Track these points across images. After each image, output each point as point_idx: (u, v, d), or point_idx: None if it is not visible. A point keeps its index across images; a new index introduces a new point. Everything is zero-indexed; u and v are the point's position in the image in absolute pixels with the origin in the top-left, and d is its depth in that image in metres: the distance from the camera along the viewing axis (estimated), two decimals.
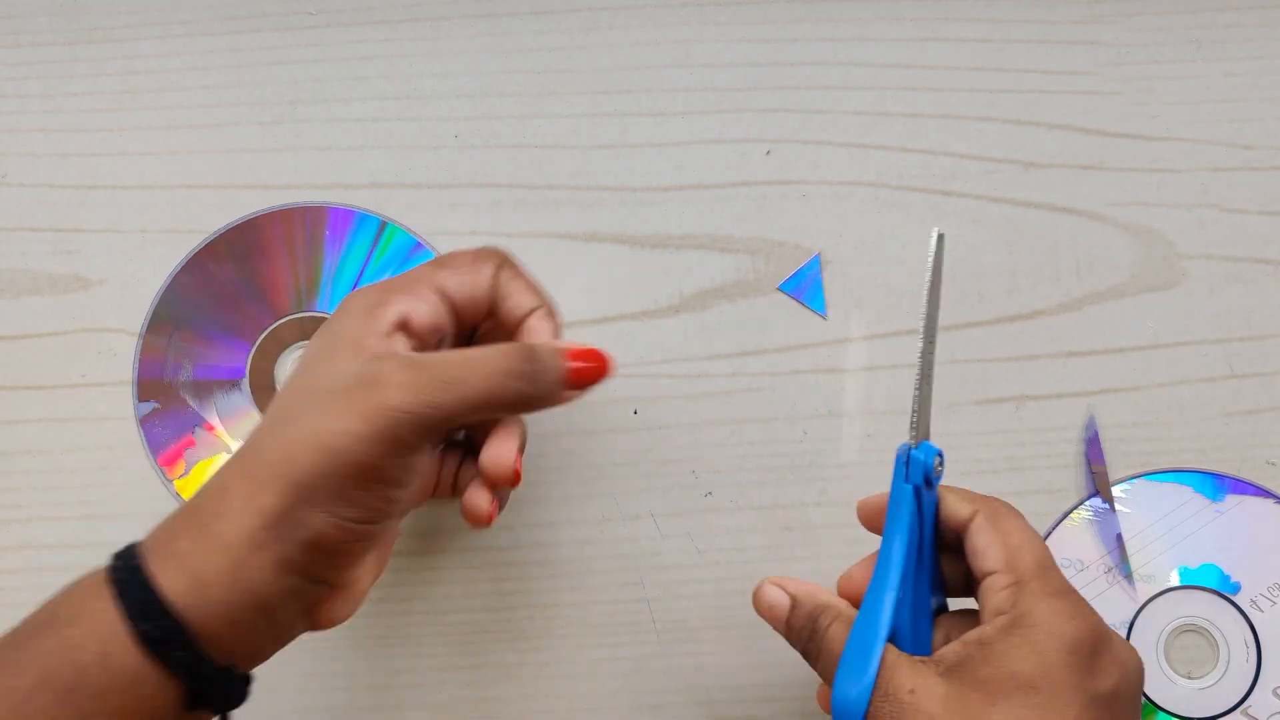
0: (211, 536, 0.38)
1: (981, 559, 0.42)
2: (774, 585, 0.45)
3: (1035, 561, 0.41)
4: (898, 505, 0.43)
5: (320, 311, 0.56)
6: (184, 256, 0.56)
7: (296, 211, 0.56)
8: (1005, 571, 0.41)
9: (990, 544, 0.42)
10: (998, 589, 0.41)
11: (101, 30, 0.58)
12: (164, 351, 0.56)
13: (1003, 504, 0.44)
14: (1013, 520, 0.43)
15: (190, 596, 0.38)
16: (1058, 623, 0.39)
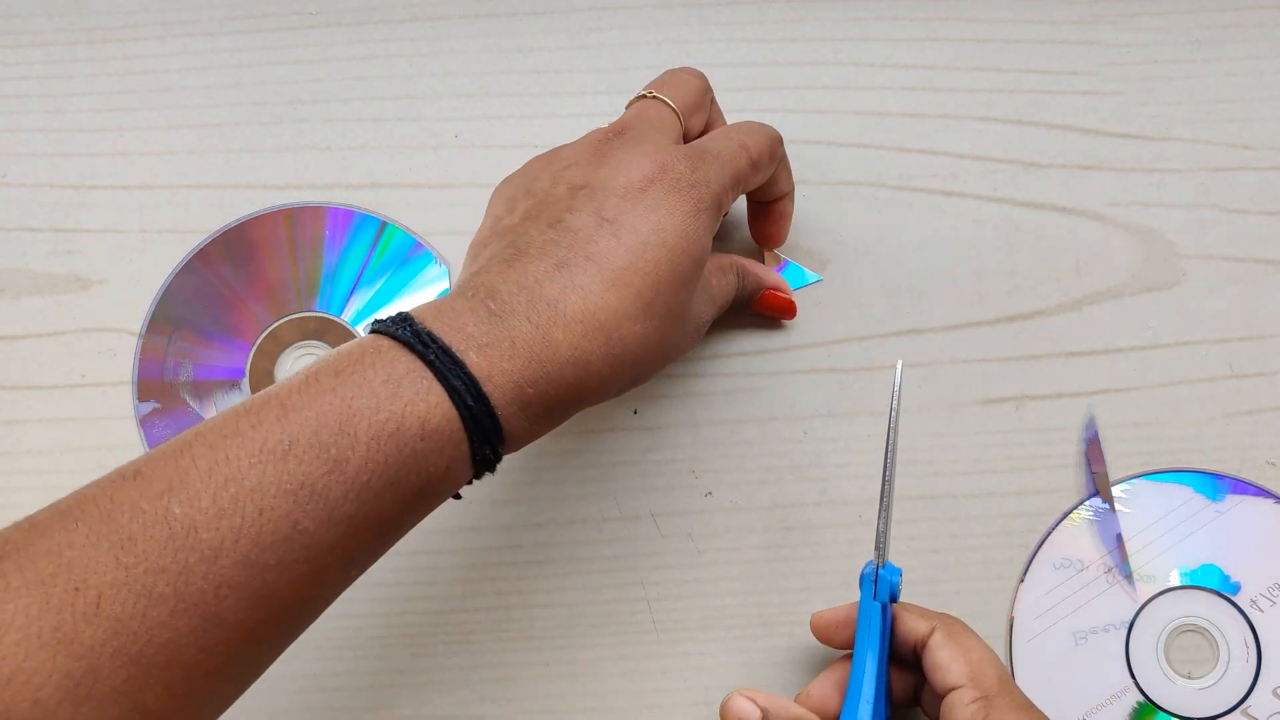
0: (564, 404, 0.41)
1: (944, 674, 0.45)
2: (743, 697, 0.46)
3: (998, 677, 0.45)
4: (869, 622, 0.46)
5: (320, 311, 0.56)
6: (184, 256, 0.56)
7: (296, 211, 0.56)
8: (971, 686, 0.45)
9: (953, 659, 0.45)
10: (965, 703, 0.44)
11: (101, 30, 0.58)
12: (164, 351, 0.56)
13: (956, 620, 0.47)
14: (970, 637, 0.46)
15: (521, 434, 0.41)
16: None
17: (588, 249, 0.42)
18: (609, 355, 0.41)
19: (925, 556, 0.54)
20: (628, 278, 0.42)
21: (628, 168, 0.44)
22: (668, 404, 0.55)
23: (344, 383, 0.38)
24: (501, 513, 0.55)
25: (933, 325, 0.56)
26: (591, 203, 0.43)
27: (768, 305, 0.54)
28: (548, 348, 0.40)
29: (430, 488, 0.39)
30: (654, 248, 0.43)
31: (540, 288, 0.41)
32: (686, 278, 0.44)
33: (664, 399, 0.55)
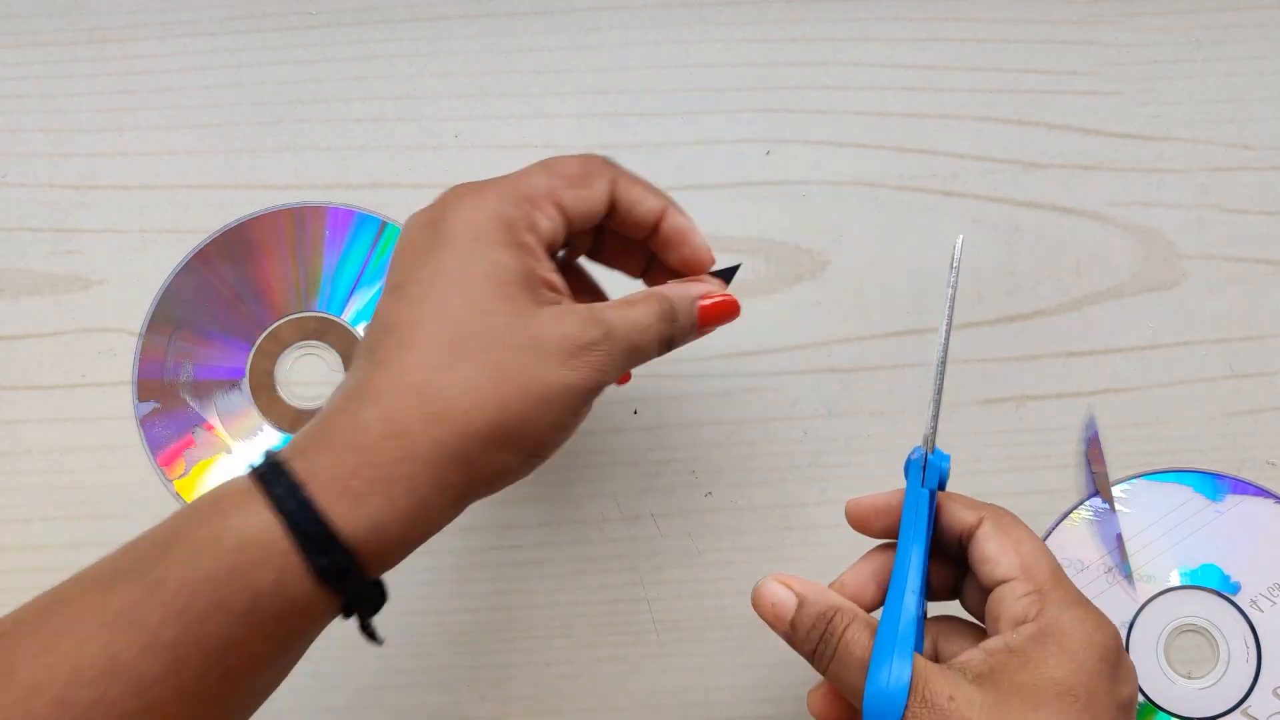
0: (395, 481, 0.38)
1: (994, 566, 0.42)
2: (779, 582, 0.44)
3: (1050, 570, 0.42)
4: (915, 510, 0.43)
5: (320, 311, 0.56)
6: (184, 257, 0.56)
7: (296, 211, 0.56)
8: (1023, 579, 0.41)
9: (1003, 551, 0.42)
10: (1016, 597, 0.41)
11: (101, 30, 0.58)
12: (164, 351, 0.56)
13: (1006, 511, 0.44)
14: (1020, 528, 0.43)
15: (365, 534, 0.38)
16: (1087, 631, 0.40)
17: (383, 322, 0.40)
18: (430, 415, 0.38)
19: None
20: (425, 327, 0.39)
21: (407, 233, 0.42)
22: (668, 404, 0.55)
23: (185, 509, 0.38)
24: (501, 513, 0.55)
25: (933, 325, 0.56)
26: (390, 282, 0.41)
27: (710, 317, 0.45)
28: (359, 430, 0.38)
29: (263, 607, 0.36)
30: (442, 290, 0.39)
31: (351, 377, 0.40)
32: (493, 304, 0.39)
33: (664, 399, 0.55)
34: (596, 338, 0.40)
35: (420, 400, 0.38)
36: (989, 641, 0.40)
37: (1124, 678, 0.41)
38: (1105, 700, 0.39)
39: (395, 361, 0.39)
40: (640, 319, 0.42)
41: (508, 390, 0.39)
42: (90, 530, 0.55)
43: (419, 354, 0.39)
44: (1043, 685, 0.39)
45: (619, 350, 0.41)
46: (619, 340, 0.41)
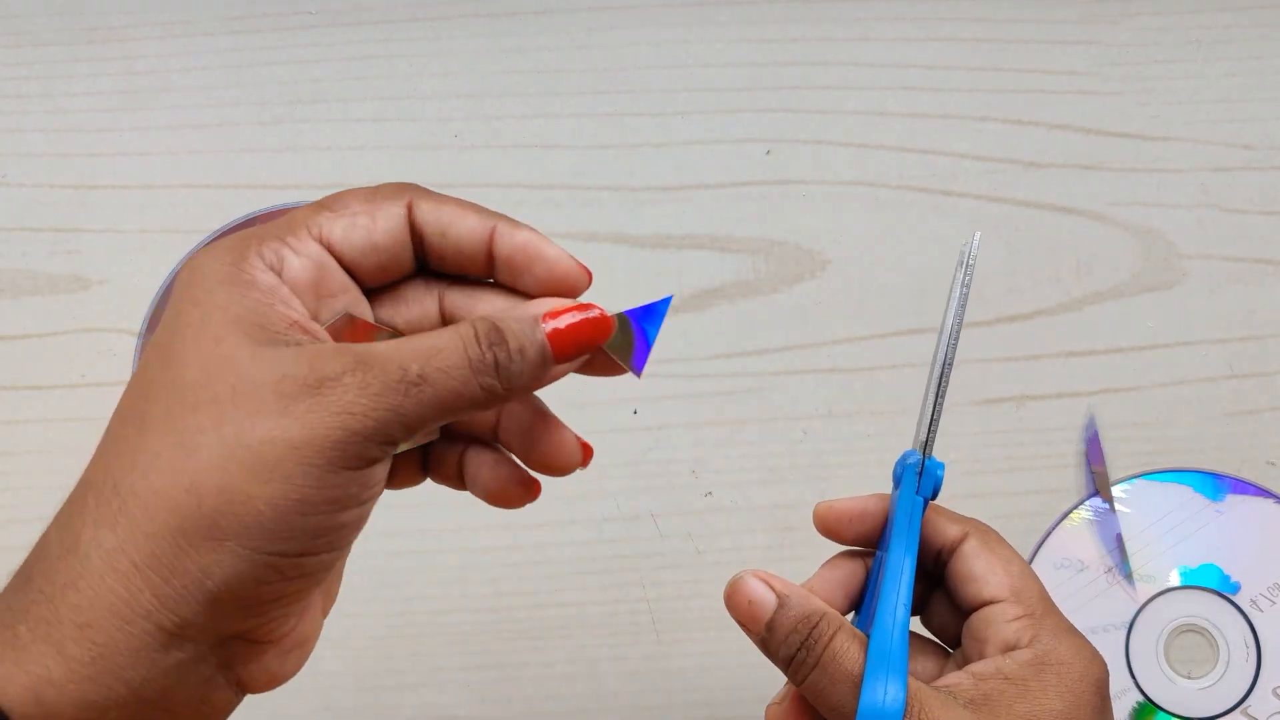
0: (61, 617, 0.28)
1: (980, 585, 0.39)
2: (758, 579, 0.37)
3: (1040, 594, 0.39)
4: (908, 518, 0.40)
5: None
6: (184, 256, 0.56)
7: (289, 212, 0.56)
8: (1013, 602, 0.38)
9: (990, 570, 0.39)
10: (1006, 620, 0.38)
11: (101, 30, 0.58)
12: None
13: (989, 528, 0.41)
14: (1006, 547, 0.40)
15: (32, 704, 0.28)
16: (1084, 663, 0.38)
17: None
18: (101, 516, 0.29)
19: None
20: (122, 402, 0.31)
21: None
22: (668, 404, 0.55)
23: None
24: (501, 513, 0.55)
25: (933, 325, 0.56)
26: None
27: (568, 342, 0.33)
28: (38, 553, 0.30)
29: None
30: (150, 351, 0.31)
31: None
32: (193, 352, 0.30)
33: (664, 399, 0.55)
34: (336, 370, 0.29)
35: (95, 499, 0.30)
36: (978, 666, 0.38)
37: (1110, 710, 0.39)
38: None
39: (92, 458, 0.31)
40: (432, 343, 0.30)
41: (198, 462, 0.28)
42: None
43: (107, 440, 0.31)
44: (1041, 716, 0.36)
45: (387, 384, 0.29)
46: (384, 371, 0.29)
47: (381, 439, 0.29)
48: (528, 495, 0.37)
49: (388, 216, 0.33)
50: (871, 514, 0.40)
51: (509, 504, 0.37)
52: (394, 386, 0.29)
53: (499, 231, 0.34)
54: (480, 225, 0.34)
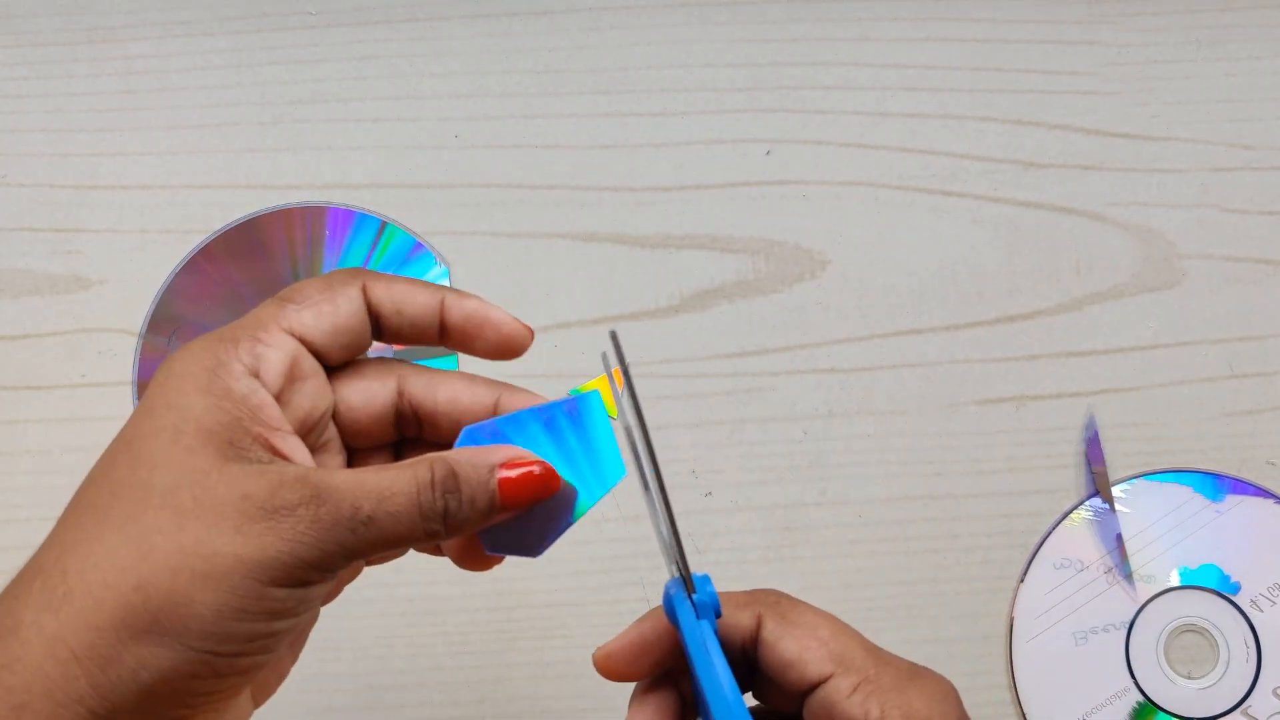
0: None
1: (801, 668, 0.36)
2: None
3: (864, 650, 0.36)
4: (704, 647, 0.36)
5: None
6: (184, 256, 0.56)
7: (296, 211, 0.56)
8: (842, 673, 0.35)
9: (803, 648, 0.36)
10: (845, 695, 0.35)
11: (101, 30, 0.58)
12: (164, 351, 0.56)
13: (775, 594, 0.38)
14: (803, 610, 0.37)
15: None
16: (934, 701, 0.36)
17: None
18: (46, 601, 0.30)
19: (925, 556, 0.54)
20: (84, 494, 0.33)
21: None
22: (668, 404, 0.55)
23: None
24: None
25: (933, 325, 0.56)
26: None
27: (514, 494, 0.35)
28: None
29: None
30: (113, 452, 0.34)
31: None
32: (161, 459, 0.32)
33: (664, 399, 0.55)
34: (293, 501, 0.31)
35: (44, 586, 0.31)
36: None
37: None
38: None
39: (40, 550, 0.32)
40: (386, 485, 0.32)
41: (152, 563, 0.30)
42: None
43: (62, 528, 0.32)
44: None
45: (336, 516, 0.31)
46: (335, 508, 0.31)
47: (323, 567, 0.31)
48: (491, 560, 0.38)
49: (347, 300, 0.35)
50: (653, 642, 0.37)
51: (477, 566, 0.39)
52: (343, 523, 0.31)
53: (447, 303, 0.36)
54: (431, 299, 0.36)
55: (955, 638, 0.54)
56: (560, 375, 0.55)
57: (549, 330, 0.56)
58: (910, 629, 0.54)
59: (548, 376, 0.55)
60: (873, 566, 0.54)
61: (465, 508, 0.34)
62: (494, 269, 0.56)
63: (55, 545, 0.32)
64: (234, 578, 0.30)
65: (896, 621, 0.54)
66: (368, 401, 0.36)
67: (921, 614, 0.54)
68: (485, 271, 0.56)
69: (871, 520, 0.54)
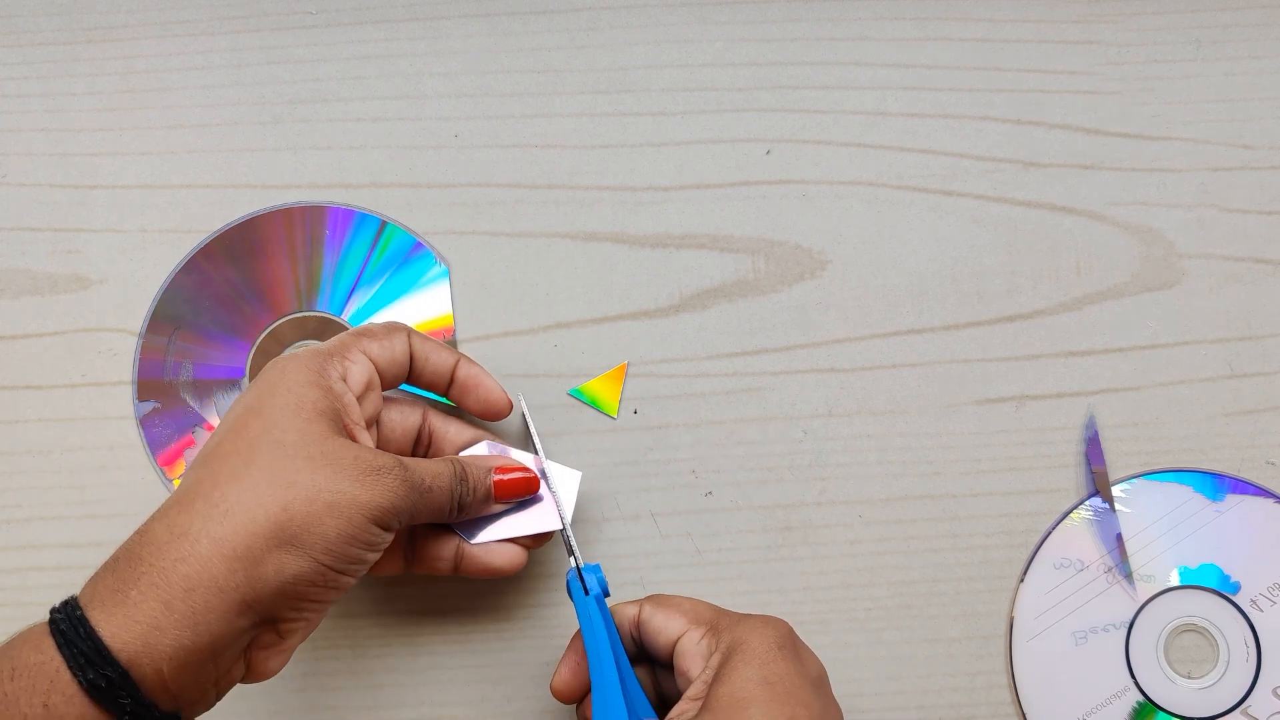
0: (172, 584, 0.39)
1: (666, 633, 0.47)
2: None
3: (713, 609, 0.47)
4: (590, 619, 0.48)
5: (321, 311, 0.56)
6: (184, 256, 0.56)
7: (296, 211, 0.56)
8: (694, 627, 0.46)
9: (667, 618, 0.47)
10: (694, 642, 0.46)
11: (101, 30, 0.58)
12: (164, 351, 0.56)
13: (660, 595, 0.49)
14: (677, 597, 0.48)
15: (139, 644, 0.38)
16: (760, 631, 0.45)
17: (197, 458, 0.44)
18: (211, 515, 0.40)
19: (925, 556, 0.54)
20: (223, 448, 0.43)
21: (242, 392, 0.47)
22: (668, 404, 0.55)
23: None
24: None
25: (933, 325, 0.56)
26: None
27: (505, 492, 0.50)
28: (145, 542, 0.40)
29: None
30: (245, 419, 0.43)
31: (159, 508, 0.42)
32: (291, 424, 0.43)
33: (664, 399, 0.55)
34: (390, 464, 0.44)
35: (206, 505, 0.41)
36: (690, 689, 0.45)
37: (807, 659, 0.45)
38: (798, 680, 0.43)
39: (191, 482, 0.42)
40: (435, 466, 0.46)
41: (293, 494, 0.41)
42: (90, 530, 0.55)
43: (212, 469, 0.42)
44: (745, 687, 0.43)
45: (413, 482, 0.44)
46: (413, 473, 0.44)
47: (399, 515, 0.44)
48: (517, 563, 0.51)
49: (400, 341, 0.49)
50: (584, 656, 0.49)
51: (510, 568, 0.51)
52: (417, 487, 0.45)
53: (460, 364, 0.50)
54: (450, 357, 0.50)
55: (955, 638, 0.54)
56: (560, 375, 0.55)
57: (549, 330, 0.56)
58: (910, 629, 0.54)
59: (548, 376, 0.55)
60: (873, 566, 0.54)
61: (469, 494, 0.48)
62: (494, 269, 0.56)
63: (207, 480, 0.41)
64: (352, 510, 0.42)
65: (896, 621, 0.54)
66: (403, 419, 0.50)
67: (921, 614, 0.54)
68: (485, 271, 0.56)
69: (871, 520, 0.54)
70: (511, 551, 0.50)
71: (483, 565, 0.50)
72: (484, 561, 0.50)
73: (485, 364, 0.52)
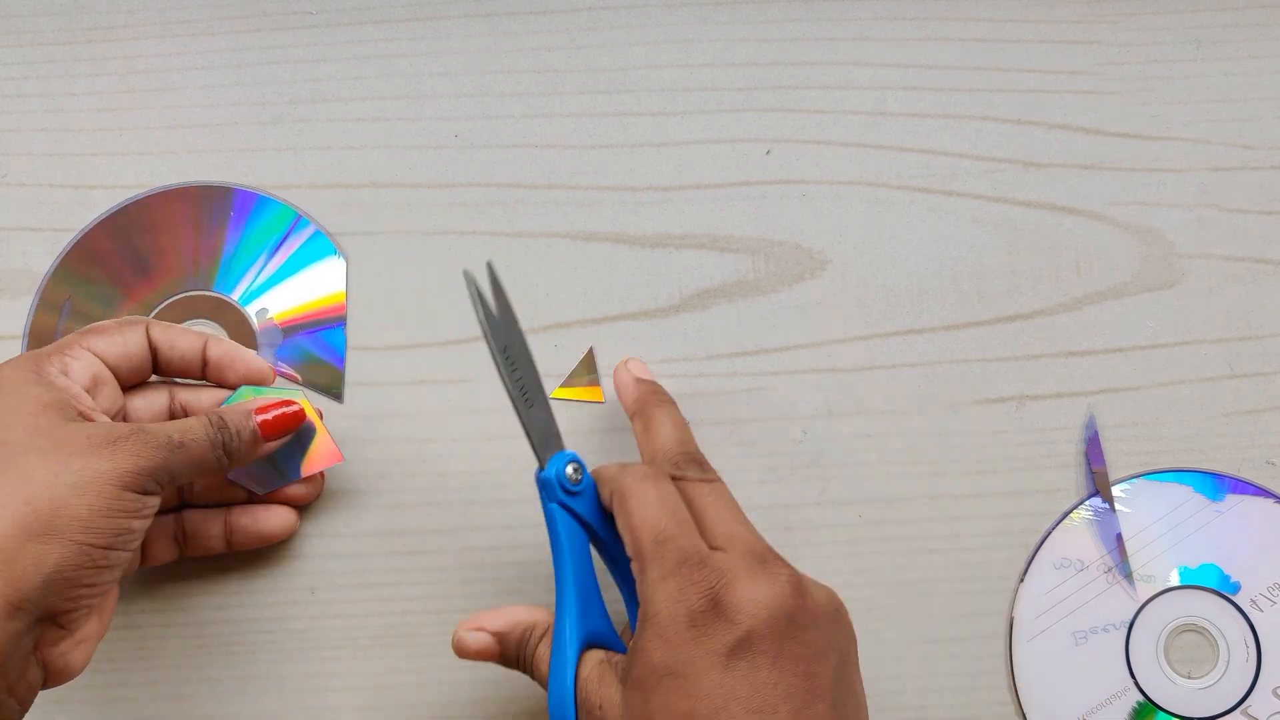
0: None
1: (626, 544, 0.43)
2: (472, 630, 0.46)
3: (651, 539, 0.41)
4: (552, 523, 0.44)
5: (215, 292, 0.55)
6: (85, 225, 0.56)
7: (203, 190, 0.56)
8: (635, 557, 0.41)
9: (623, 529, 0.42)
10: (638, 573, 0.41)
11: (101, 30, 0.58)
12: (56, 318, 0.55)
13: (633, 468, 0.44)
14: (635, 491, 0.43)
15: None
16: (669, 604, 0.39)
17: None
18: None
19: (925, 556, 0.54)
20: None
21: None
22: None
23: None
24: (502, 513, 0.55)
25: (933, 325, 0.56)
26: None
27: (271, 430, 0.49)
28: None
29: None
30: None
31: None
32: (16, 422, 0.42)
33: None
34: (126, 433, 0.43)
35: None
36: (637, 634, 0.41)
37: (722, 625, 0.39)
38: (704, 665, 0.38)
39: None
40: (183, 423, 0.46)
41: (33, 487, 0.40)
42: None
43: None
44: (649, 674, 0.39)
45: (158, 440, 0.43)
46: (155, 435, 0.44)
47: (157, 477, 0.43)
48: (290, 527, 0.52)
49: (135, 334, 0.48)
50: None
51: (283, 532, 0.52)
52: (164, 445, 0.44)
53: (209, 344, 0.50)
54: (196, 340, 0.50)
55: (955, 638, 0.54)
56: (561, 375, 0.55)
57: (549, 330, 0.56)
58: (910, 629, 0.54)
59: (549, 376, 0.55)
60: (873, 566, 0.54)
61: (234, 439, 0.47)
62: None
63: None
64: (98, 483, 0.41)
65: (896, 621, 0.54)
66: (149, 404, 0.49)
67: (921, 614, 0.54)
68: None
69: (871, 520, 0.54)
70: (281, 515, 0.51)
71: (254, 534, 0.50)
72: (254, 530, 0.50)
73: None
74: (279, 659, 0.53)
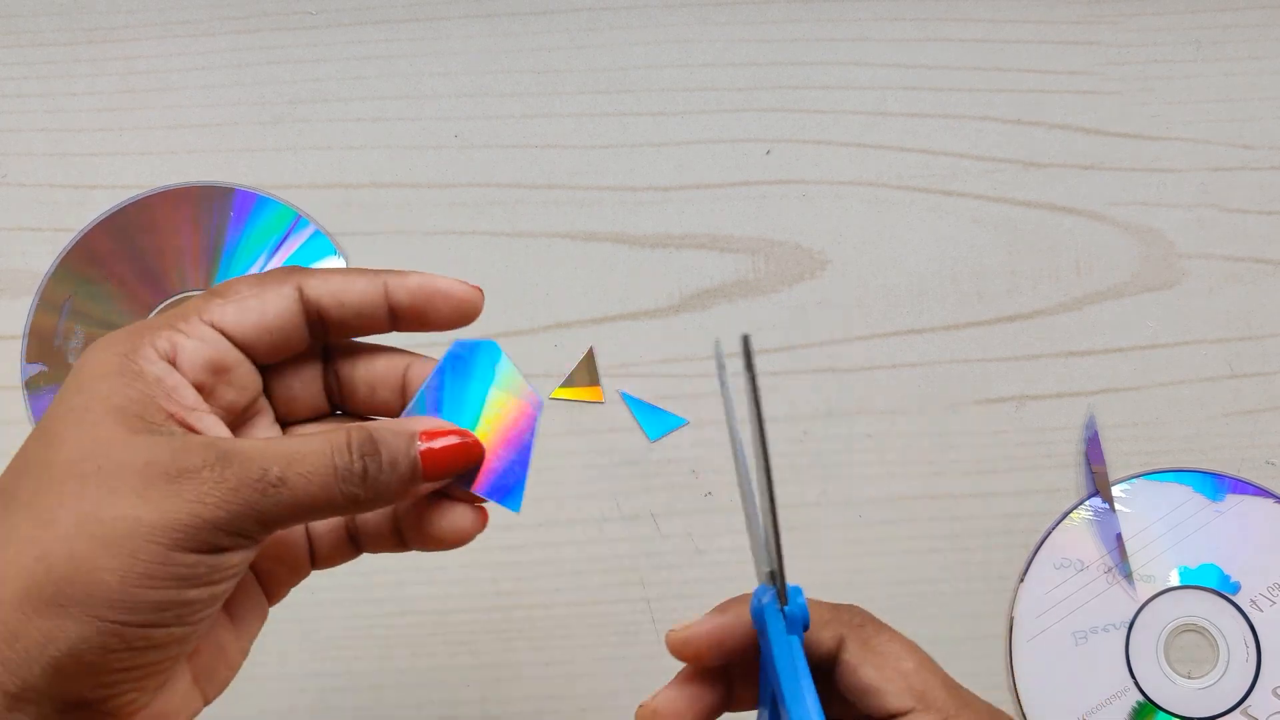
0: None
1: (881, 698, 0.35)
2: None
3: (945, 688, 0.35)
4: (793, 664, 0.34)
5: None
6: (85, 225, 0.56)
7: (203, 190, 0.56)
8: (925, 710, 0.34)
9: (885, 679, 0.35)
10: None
11: (101, 30, 0.58)
12: (56, 316, 0.55)
13: (861, 614, 0.37)
14: (889, 639, 0.36)
15: None
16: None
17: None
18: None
19: (925, 556, 0.54)
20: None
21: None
22: (668, 404, 0.55)
23: None
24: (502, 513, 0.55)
25: (933, 325, 0.56)
26: None
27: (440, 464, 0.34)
28: None
29: None
30: (33, 436, 0.32)
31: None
32: (67, 435, 0.31)
33: (664, 399, 0.55)
34: (197, 464, 0.30)
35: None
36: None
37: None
38: None
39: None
40: (297, 447, 0.31)
41: (53, 532, 0.29)
42: None
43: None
44: None
45: (245, 481, 0.30)
46: (243, 469, 0.30)
47: (232, 530, 0.30)
48: (476, 527, 0.36)
49: (278, 297, 0.34)
50: (731, 636, 0.36)
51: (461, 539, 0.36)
52: (251, 484, 0.30)
53: (390, 284, 0.35)
54: (372, 283, 0.35)
55: (955, 638, 0.54)
56: (560, 375, 0.55)
57: (549, 330, 0.56)
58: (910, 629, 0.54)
59: (548, 376, 0.55)
60: (873, 566, 0.54)
61: (386, 470, 0.32)
62: (494, 269, 0.56)
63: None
64: (135, 541, 0.29)
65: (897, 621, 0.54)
66: (305, 387, 0.36)
67: (921, 614, 0.54)
68: (485, 271, 0.56)
69: (871, 520, 0.54)
70: (462, 515, 0.36)
71: (428, 535, 0.36)
72: (428, 531, 0.35)
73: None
74: (279, 659, 0.53)
